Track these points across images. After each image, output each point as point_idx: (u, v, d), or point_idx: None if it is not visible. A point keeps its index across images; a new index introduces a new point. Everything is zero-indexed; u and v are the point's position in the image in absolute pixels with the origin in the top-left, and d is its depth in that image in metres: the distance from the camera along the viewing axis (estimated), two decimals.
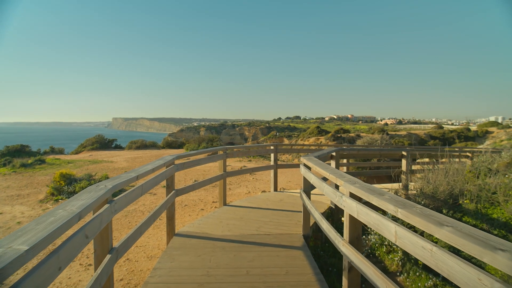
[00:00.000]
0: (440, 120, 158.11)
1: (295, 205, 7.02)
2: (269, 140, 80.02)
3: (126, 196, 2.98)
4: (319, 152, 5.85)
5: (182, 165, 5.27)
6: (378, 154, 7.93)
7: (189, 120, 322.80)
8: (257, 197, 7.79)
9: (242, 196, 9.99)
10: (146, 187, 3.51)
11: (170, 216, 5.06)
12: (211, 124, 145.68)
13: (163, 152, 27.42)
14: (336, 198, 3.20)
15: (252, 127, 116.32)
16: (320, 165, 4.07)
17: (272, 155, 8.44)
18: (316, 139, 51.20)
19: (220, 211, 6.55)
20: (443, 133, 61.08)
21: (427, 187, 5.09)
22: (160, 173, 4.28)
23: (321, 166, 4.00)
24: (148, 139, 38.66)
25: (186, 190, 5.55)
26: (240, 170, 7.63)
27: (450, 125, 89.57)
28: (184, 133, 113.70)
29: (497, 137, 51.91)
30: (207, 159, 6.12)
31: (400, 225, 2.13)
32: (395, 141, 16.68)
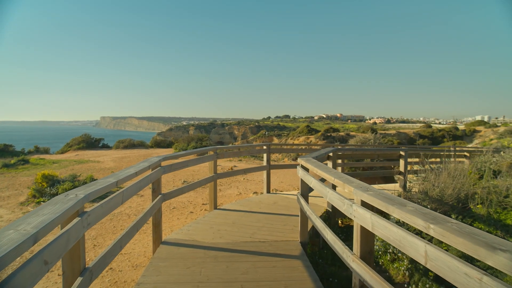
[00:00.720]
0: (428, 119, 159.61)
1: (290, 209, 6.65)
2: (259, 139, 79.70)
3: (103, 206, 2.55)
4: (316, 153, 5.49)
5: (169, 167, 4.85)
6: (375, 154, 7.60)
7: (178, 119, 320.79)
8: (250, 200, 7.40)
9: (233, 198, 9.59)
10: (127, 193, 3.09)
11: (156, 223, 4.64)
12: (201, 123, 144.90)
13: (151, 152, 26.87)
14: (344, 206, 2.83)
15: (242, 126, 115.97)
16: (321, 168, 3.71)
17: (265, 155, 8.06)
18: (306, 138, 50.98)
19: (210, 215, 6.14)
20: (432, 132, 61.42)
21: (433, 190, 4.75)
22: (145, 177, 3.86)
23: (323, 169, 3.63)
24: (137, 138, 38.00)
25: (174, 194, 5.12)
26: (231, 171, 7.22)
27: (437, 124, 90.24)
28: (173, 132, 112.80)
29: (484, 136, 52.34)
30: (197, 160, 5.71)
31: (431, 244, 1.76)
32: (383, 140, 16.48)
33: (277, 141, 67.44)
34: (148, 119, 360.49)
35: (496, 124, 64.05)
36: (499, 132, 32.62)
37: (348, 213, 2.74)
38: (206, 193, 10.55)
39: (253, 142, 77.92)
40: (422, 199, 4.89)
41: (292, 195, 8.04)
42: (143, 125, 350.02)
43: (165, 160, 4.76)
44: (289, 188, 10.75)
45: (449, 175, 4.99)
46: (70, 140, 30.17)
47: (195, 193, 10.60)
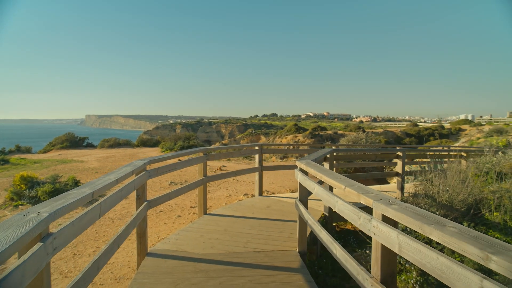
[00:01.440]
0: (413, 117, 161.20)
1: (285, 213, 6.27)
2: (246, 137, 79.37)
3: (74, 224, 2.09)
4: (315, 154, 5.11)
5: (156, 171, 4.41)
6: (373, 155, 7.27)
7: (165, 117, 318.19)
8: (241, 204, 6.98)
9: (222, 200, 9.18)
10: (106, 205, 2.66)
11: (141, 233, 4.20)
12: (187, 121, 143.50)
13: (137, 151, 26.22)
14: (359, 220, 2.43)
15: (229, 125, 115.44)
16: (327, 174, 3.32)
17: (257, 156, 7.65)
18: (294, 137, 50.86)
19: (200, 221, 5.71)
20: (418, 131, 61.94)
21: (443, 195, 4.40)
22: (128, 183, 3.42)
23: (328, 175, 3.25)
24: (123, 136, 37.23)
25: (160, 200, 4.66)
26: (222, 174, 6.80)
27: (423, 123, 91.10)
28: (159, 131, 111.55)
29: (470, 135, 52.88)
30: (186, 163, 5.27)
31: (491, 279, 1.38)
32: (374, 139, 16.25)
33: (265, 139, 67.18)
34: (134, 118, 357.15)
35: (480, 123, 64.87)
36: (486, 131, 32.75)
37: (365, 229, 2.35)
38: (194, 194, 10.11)
39: (241, 141, 77.54)
40: (429, 205, 4.55)
41: (286, 197, 7.66)
42: (129, 124, 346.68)
43: (151, 163, 4.32)
44: (281, 189, 10.37)
45: (457, 178, 4.66)
46: (53, 139, 29.25)
47: (183, 194, 10.15)
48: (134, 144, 31.50)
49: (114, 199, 2.88)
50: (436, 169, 6.54)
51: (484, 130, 50.91)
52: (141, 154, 24.19)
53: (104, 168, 16.96)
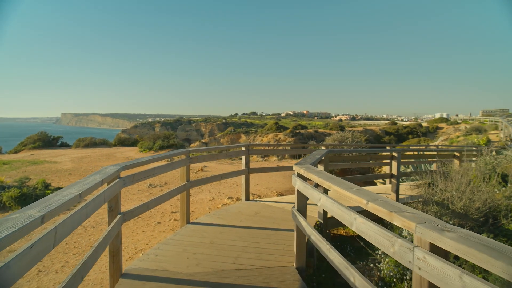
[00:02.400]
0: (391, 116, 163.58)
1: (276, 221, 5.73)
2: (226, 136, 78.55)
3: (10, 266, 1.50)
4: (311, 157, 4.58)
5: (131, 178, 3.78)
6: (369, 156, 6.82)
7: (144, 115, 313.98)
8: (228, 210, 6.40)
9: (205, 204, 8.58)
10: (64, 230, 2.05)
11: (114, 251, 3.57)
12: (167, 119, 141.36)
13: (114, 151, 25.24)
14: (393, 247, 1.87)
15: (209, 123, 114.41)
16: (338, 184, 2.77)
17: (244, 157, 7.09)
18: (274, 135, 50.57)
19: (183, 232, 5.09)
20: (397, 129, 62.53)
21: (457, 202, 3.94)
22: (97, 196, 2.80)
23: (341, 185, 2.70)
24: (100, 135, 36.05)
25: (137, 211, 4.03)
26: (207, 178, 6.18)
27: (400, 121, 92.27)
28: (138, 129, 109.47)
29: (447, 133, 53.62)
30: (166, 167, 4.65)
31: None
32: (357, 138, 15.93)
33: (245, 138, 66.57)
34: (112, 116, 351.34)
35: (456, 121, 66.09)
36: (463, 129, 33.09)
37: (403, 260, 1.81)
38: (175, 198, 9.47)
39: (221, 140, 76.75)
40: (440, 213, 4.09)
41: (275, 202, 7.12)
42: (107, 122, 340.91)
43: (126, 169, 3.70)
44: (267, 192, 9.82)
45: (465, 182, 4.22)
46: (24, 139, 27.85)
47: None
48: (111, 143, 30.41)
49: (76, 219, 2.26)
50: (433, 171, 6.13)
51: (460, 129, 51.88)
52: (119, 154, 23.27)
53: (79, 169, 16.09)
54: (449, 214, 3.98)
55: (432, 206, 4.26)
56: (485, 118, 52.47)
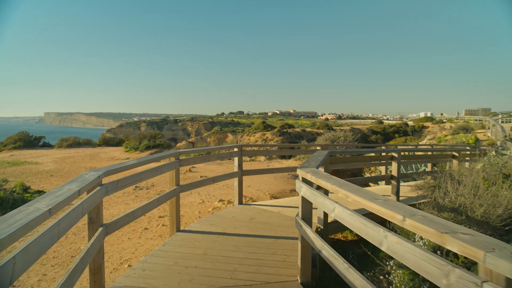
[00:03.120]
0: (376, 115, 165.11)
1: (273, 227, 5.32)
2: (213, 135, 77.92)
3: None
4: (314, 159, 4.18)
5: (114, 185, 3.33)
6: (369, 158, 6.47)
7: (129, 115, 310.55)
8: (220, 215, 5.96)
9: (195, 208, 8.13)
10: (26, 260, 1.61)
11: (96, 269, 3.10)
12: (152, 119, 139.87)
13: (98, 151, 24.52)
14: (447, 279, 1.45)
15: (195, 122, 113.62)
16: (358, 193, 2.37)
17: (236, 159, 6.66)
18: (262, 134, 50.33)
19: (173, 242, 4.64)
20: (384, 128, 62.90)
21: (477, 208, 3.58)
22: (72, 210, 2.35)
23: (361, 194, 2.30)
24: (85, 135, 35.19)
25: (122, 222, 3.54)
26: (199, 181, 5.72)
27: (386, 120, 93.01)
28: (123, 129, 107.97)
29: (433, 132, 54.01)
30: (153, 171, 4.19)
31: None
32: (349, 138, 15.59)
33: (232, 137, 66.08)
34: (97, 115, 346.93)
35: (442, 120, 66.77)
36: (448, 128, 33.24)
37: None
38: None
39: (207, 139, 76.12)
40: (457, 220, 3.73)
41: (270, 206, 6.72)
42: (92, 122, 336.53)
43: (108, 175, 3.26)
44: (259, 194, 9.40)
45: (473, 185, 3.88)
46: (4, 139, 26.85)
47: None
48: (96, 143, 29.62)
49: (44, 243, 1.81)
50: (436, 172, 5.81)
51: (446, 127, 52.33)
52: (103, 154, 22.59)
53: (61, 170, 15.45)
54: (465, 222, 3.63)
55: (448, 214, 3.91)
56: (470, 117, 53.08)
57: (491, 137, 24.17)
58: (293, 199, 7.45)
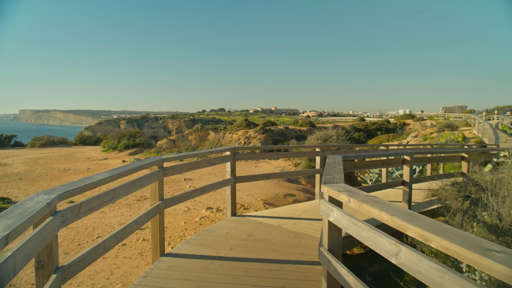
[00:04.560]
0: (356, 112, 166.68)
1: (276, 246, 4.45)
2: (194, 133, 76.57)
3: None
4: (337, 171, 3.33)
5: (75, 210, 2.39)
6: (380, 162, 5.69)
7: (108, 112, 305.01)
8: (211, 232, 5.02)
9: (180, 217, 7.21)
10: None
11: None
12: (132, 116, 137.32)
13: (74, 151, 23.19)
14: None
15: (176, 120, 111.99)
16: (438, 231, 1.53)
17: (229, 164, 5.76)
18: (245, 132, 49.58)
19: (156, 272, 3.70)
20: (366, 125, 63.03)
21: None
22: (6, 260, 1.45)
23: (446, 235, 1.47)
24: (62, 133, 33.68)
25: (87, 260, 2.63)
26: (186, 193, 4.78)
27: (366, 117, 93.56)
28: (102, 127, 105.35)
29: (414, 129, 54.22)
30: (131, 186, 3.24)
31: None
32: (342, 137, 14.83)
33: (214, 135, 65.02)
34: (74, 113, 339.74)
35: (423, 118, 67.30)
36: (438, 126, 33.04)
37: None
38: (143, 208, 8.04)
39: (189, 137, 74.74)
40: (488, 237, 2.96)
41: (268, 218, 5.85)
42: (69, 119, 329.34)
43: (67, 198, 2.34)
44: (251, 200, 8.52)
45: None
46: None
47: (129, 209, 8.03)
48: (72, 142, 28.15)
49: None
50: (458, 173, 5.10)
51: (427, 125, 52.62)
52: (79, 154, 21.29)
53: (32, 172, 14.22)
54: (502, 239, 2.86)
55: (478, 227, 3.15)
56: (449, 115, 53.65)
57: (478, 135, 23.92)
58: (292, 208, 6.61)
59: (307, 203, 7.13)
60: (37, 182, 12.00)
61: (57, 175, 13.66)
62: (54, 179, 12.77)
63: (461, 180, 7.59)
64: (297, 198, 9.15)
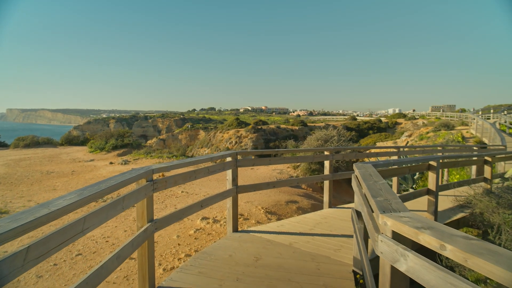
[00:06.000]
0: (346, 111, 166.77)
1: (292, 275, 3.61)
2: (184, 132, 75.49)
3: None
4: (385, 188, 2.53)
5: (39, 248, 1.58)
6: (407, 169, 4.93)
7: (97, 111, 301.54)
8: (211, 254, 4.14)
9: (172, 229, 6.36)
10: None
11: None
12: (122, 115, 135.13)
13: (60, 151, 22.10)
14: None
15: (166, 119, 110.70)
16: None
17: (229, 172, 4.91)
18: (236, 131, 48.95)
19: None
20: (358, 124, 62.73)
21: None
22: None
23: None
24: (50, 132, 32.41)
25: None
26: (181, 210, 3.90)
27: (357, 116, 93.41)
28: (91, 126, 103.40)
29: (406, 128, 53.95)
30: (108, 210, 2.36)
31: None
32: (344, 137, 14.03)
33: (204, 134, 64.03)
34: (63, 112, 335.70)
35: (414, 117, 67.27)
36: (434, 125, 32.60)
37: None
38: (131, 217, 7.16)
39: (179, 136, 73.71)
40: None
41: (275, 234, 5.00)
42: (58, 118, 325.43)
43: (25, 233, 1.51)
44: (251, 208, 7.67)
45: None
46: None
47: (113, 220, 7.15)
48: (58, 142, 26.96)
49: None
50: None
51: (419, 124, 52.40)
52: (64, 155, 20.23)
53: (12, 175, 13.22)
54: None
55: None
56: (441, 114, 53.59)
57: (477, 135, 23.44)
58: (300, 221, 5.78)
59: (316, 214, 6.31)
60: (16, 187, 11.05)
61: (39, 178, 12.68)
62: (35, 183, 11.81)
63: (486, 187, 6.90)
64: (300, 205, 8.35)
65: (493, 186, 6.93)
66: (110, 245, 5.77)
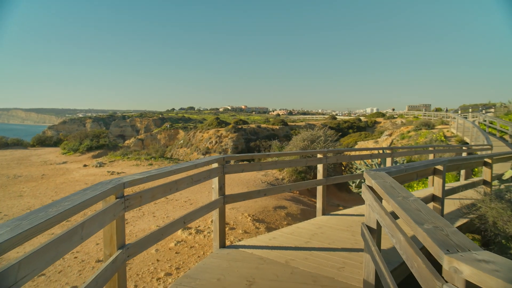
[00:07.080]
0: (325, 110, 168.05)
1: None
2: (163, 132, 74.19)
3: None
4: (420, 210, 1.99)
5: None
6: (415, 175, 4.44)
7: (73, 111, 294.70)
8: (197, 279, 3.47)
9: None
10: None
11: None
12: (99, 115, 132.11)
13: (30, 153, 20.91)
14: None
15: (145, 119, 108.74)
16: None
17: (216, 180, 4.30)
18: (216, 131, 48.29)
19: None
20: (338, 124, 62.98)
21: None
22: None
23: None
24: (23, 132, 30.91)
25: None
26: (159, 229, 3.26)
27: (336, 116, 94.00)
28: (67, 126, 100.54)
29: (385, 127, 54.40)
30: (57, 245, 1.79)
31: None
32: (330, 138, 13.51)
33: (184, 134, 62.97)
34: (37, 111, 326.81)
35: (393, 116, 68.01)
36: (415, 124, 32.68)
37: None
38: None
39: (157, 136, 72.34)
40: None
41: (268, 249, 4.41)
42: (32, 118, 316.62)
43: None
44: (237, 215, 7.07)
45: None
46: None
47: None
48: (28, 143, 25.64)
49: None
50: None
51: (397, 123, 52.91)
52: (35, 157, 19.12)
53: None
54: None
55: None
56: (419, 113, 54.30)
57: (458, 134, 23.48)
58: (294, 232, 5.20)
59: (310, 223, 5.74)
60: None
61: (4, 183, 11.73)
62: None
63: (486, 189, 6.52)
64: (289, 211, 7.79)
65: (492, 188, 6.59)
66: (78, 263, 5.09)
